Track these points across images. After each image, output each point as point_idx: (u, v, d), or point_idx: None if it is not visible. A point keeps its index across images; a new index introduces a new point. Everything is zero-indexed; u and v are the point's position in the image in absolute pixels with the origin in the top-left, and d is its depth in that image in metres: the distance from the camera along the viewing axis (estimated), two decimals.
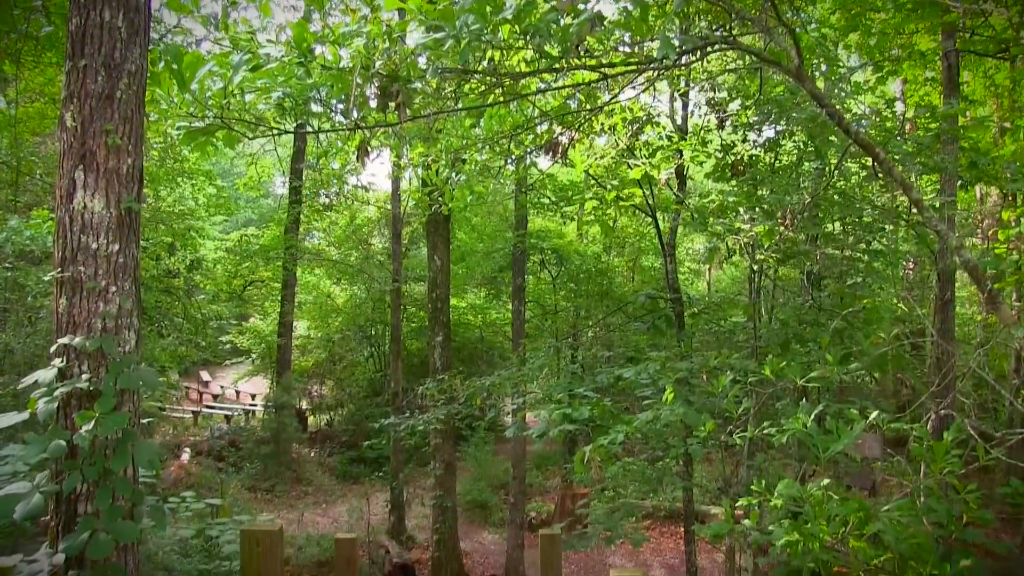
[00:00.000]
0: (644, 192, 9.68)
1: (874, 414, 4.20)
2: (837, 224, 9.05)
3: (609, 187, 9.10)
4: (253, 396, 28.10)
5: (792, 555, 3.73)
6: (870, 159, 7.38)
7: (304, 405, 25.71)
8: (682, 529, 14.01)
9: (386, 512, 16.84)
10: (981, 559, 4.12)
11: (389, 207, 19.67)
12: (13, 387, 8.17)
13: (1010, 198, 12.91)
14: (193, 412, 25.07)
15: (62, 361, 3.37)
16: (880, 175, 7.31)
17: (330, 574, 13.46)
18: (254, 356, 27.39)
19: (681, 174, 10.82)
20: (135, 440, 3.22)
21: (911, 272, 16.41)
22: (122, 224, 3.70)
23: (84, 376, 3.28)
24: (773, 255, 7.77)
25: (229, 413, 25.65)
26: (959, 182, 8.90)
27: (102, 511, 3.09)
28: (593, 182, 11.31)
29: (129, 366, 3.38)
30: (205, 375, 30.47)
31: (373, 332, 25.20)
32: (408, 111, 4.06)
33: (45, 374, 3.23)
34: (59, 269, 3.57)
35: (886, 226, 8.90)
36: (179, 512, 8.45)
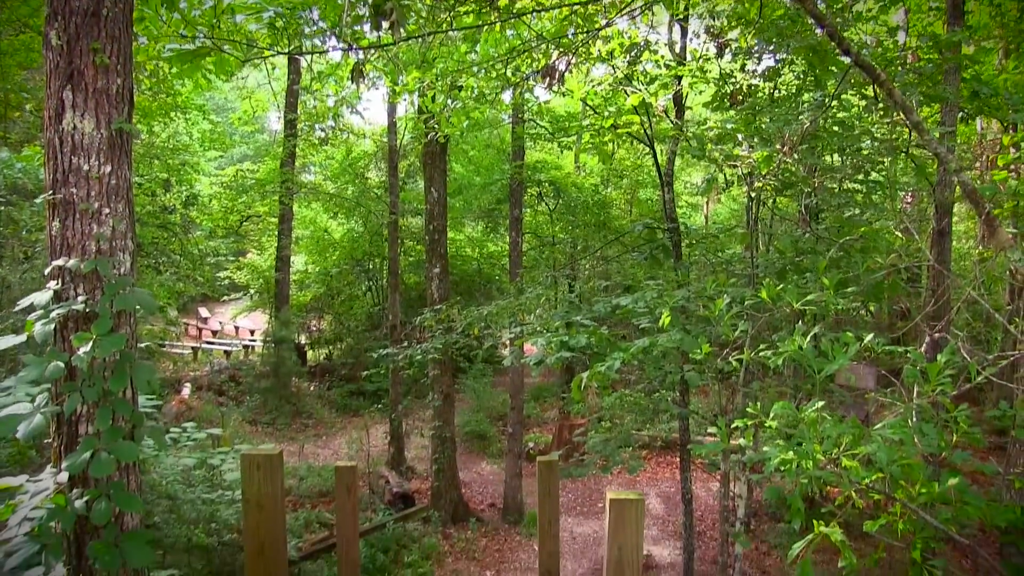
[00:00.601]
0: (642, 119, 9.59)
1: (869, 337, 4.22)
2: (836, 157, 9.00)
3: (607, 114, 9.01)
4: (252, 331, 28.23)
5: (786, 474, 3.78)
6: (870, 88, 7.31)
7: (303, 339, 25.84)
8: (678, 459, 14.22)
9: (385, 444, 17.04)
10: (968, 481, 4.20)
11: (386, 140, 19.54)
12: (12, 321, 8.18)
13: (1011, 129, 12.82)
14: (192, 348, 25.18)
15: (57, 284, 3.35)
16: (881, 101, 7.24)
17: (331, 504, 13.67)
18: (252, 291, 27.46)
19: (679, 102, 10.70)
20: (133, 362, 3.22)
21: (909, 205, 16.39)
22: (113, 146, 3.65)
23: (80, 298, 3.27)
24: (771, 182, 7.73)
25: (228, 348, 25.78)
26: (960, 114, 8.82)
27: (102, 431, 3.11)
28: (590, 111, 11.20)
29: (125, 288, 3.36)
30: (204, 311, 30.56)
31: (371, 266, 25.23)
32: (403, 31, 3.99)
33: (41, 296, 3.22)
34: (51, 191, 3.53)
35: (885, 160, 8.85)
36: (181, 442, 8.55)
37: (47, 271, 3.40)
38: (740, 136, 7.66)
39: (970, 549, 4.22)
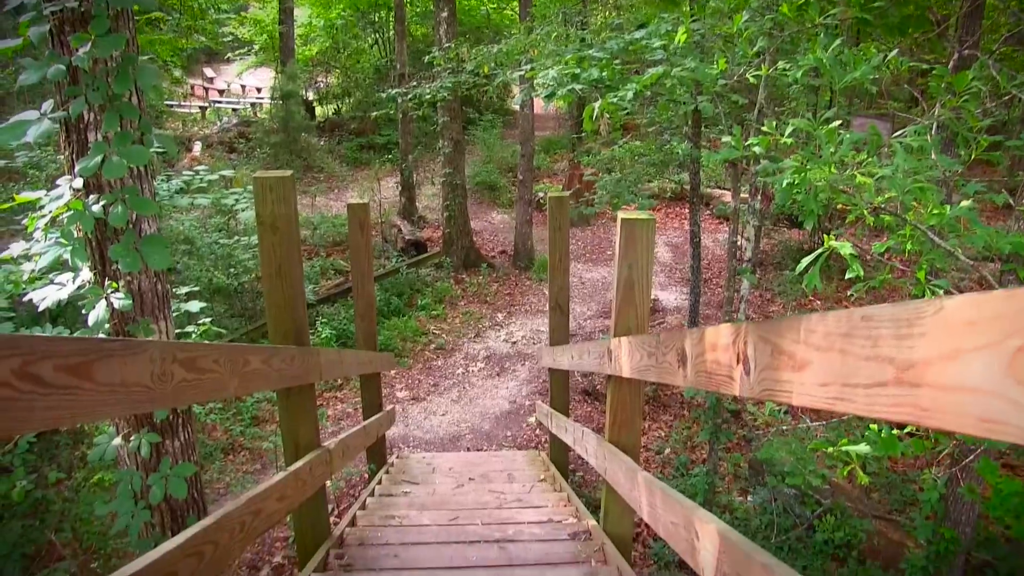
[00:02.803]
0: None
1: (893, 52, 4.08)
2: None
3: None
4: (259, 89, 27.78)
5: (799, 188, 3.77)
6: None
7: (311, 95, 25.48)
8: (687, 210, 14.32)
9: (396, 194, 17.17)
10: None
11: None
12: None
13: None
14: (200, 107, 24.83)
15: None
16: None
17: (346, 252, 13.97)
18: (256, 47, 26.77)
19: None
20: (135, 63, 3.13)
21: None
22: None
23: None
24: None
25: (236, 106, 25.47)
26: None
27: (111, 136, 3.08)
28: None
29: None
30: (209, 71, 29.91)
31: (376, 18, 24.40)
32: None
33: None
34: None
35: None
36: (194, 184, 8.59)
37: None
38: None
39: (974, 269, 4.30)
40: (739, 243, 9.88)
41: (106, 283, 3.24)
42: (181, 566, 2.05)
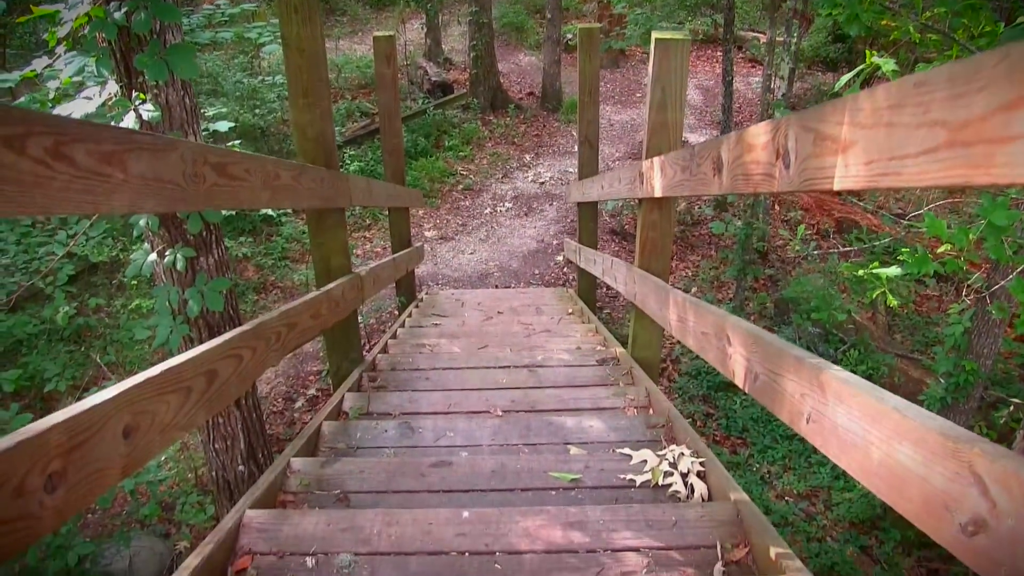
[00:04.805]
0: None
1: None
2: None
3: None
4: None
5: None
6: None
7: None
8: (719, 53, 13.89)
9: (422, 36, 16.74)
10: None
11: None
12: None
13: None
14: None
15: None
16: None
17: (371, 94, 13.76)
18: None
19: None
20: None
21: None
22: None
23: None
24: None
25: None
26: None
27: None
28: None
29: None
30: None
31: None
32: None
33: None
34: None
35: None
36: (215, 19, 8.39)
37: None
38: None
39: None
40: (773, 83, 9.64)
41: (133, 95, 3.20)
42: (220, 365, 2.10)
